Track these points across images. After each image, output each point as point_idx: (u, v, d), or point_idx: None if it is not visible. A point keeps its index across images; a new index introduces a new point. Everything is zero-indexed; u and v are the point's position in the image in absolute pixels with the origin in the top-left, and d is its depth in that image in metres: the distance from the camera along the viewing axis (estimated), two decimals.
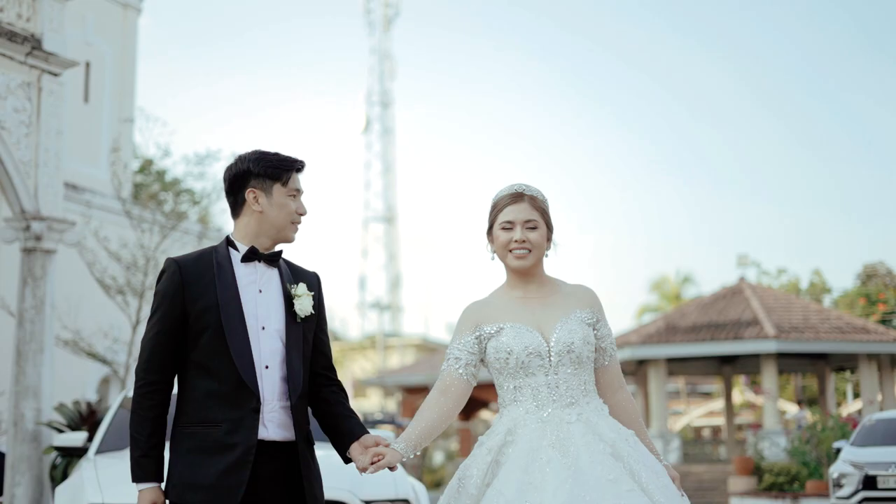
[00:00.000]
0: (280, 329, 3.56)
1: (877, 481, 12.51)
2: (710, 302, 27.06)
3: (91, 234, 15.52)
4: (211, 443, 3.41)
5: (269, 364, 3.51)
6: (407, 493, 6.42)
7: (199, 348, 3.47)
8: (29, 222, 12.38)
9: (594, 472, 3.39)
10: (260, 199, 3.57)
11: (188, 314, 3.48)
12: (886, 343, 24.58)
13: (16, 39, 12.09)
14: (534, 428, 3.55)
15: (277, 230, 3.60)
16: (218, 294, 3.49)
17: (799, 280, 45.32)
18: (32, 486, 12.26)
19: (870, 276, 43.43)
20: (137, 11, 22.44)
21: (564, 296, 3.79)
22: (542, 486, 3.38)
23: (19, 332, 12.43)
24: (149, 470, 3.46)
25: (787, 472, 20.24)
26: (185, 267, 3.55)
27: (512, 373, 3.65)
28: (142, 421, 3.47)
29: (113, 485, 5.93)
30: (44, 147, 12.43)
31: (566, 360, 3.62)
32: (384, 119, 58.04)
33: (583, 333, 3.67)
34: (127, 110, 21.65)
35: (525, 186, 3.81)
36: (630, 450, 3.52)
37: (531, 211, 3.75)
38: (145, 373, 3.50)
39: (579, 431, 3.52)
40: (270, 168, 3.58)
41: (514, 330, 3.66)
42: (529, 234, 3.73)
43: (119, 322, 17.04)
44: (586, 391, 3.66)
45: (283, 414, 3.51)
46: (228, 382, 3.43)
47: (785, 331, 24.24)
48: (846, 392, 37.56)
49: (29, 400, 12.29)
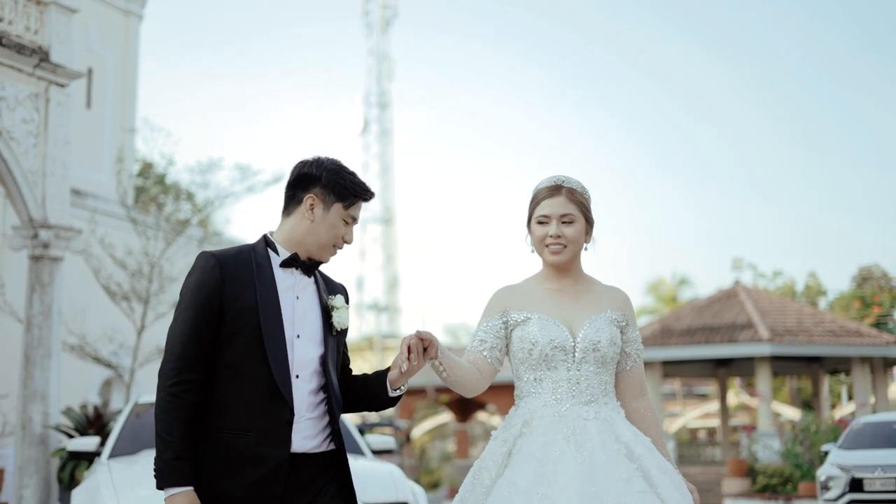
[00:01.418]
0: (315, 339, 3.44)
1: (863, 484, 12.67)
2: (705, 305, 27.33)
3: (97, 241, 15.81)
4: (239, 452, 3.27)
5: (301, 374, 3.37)
6: (406, 497, 6.65)
7: (232, 350, 3.31)
8: (37, 230, 12.69)
9: (607, 469, 3.35)
10: (316, 208, 3.43)
11: (225, 312, 3.31)
12: (879, 346, 24.85)
13: (24, 52, 12.40)
14: (550, 421, 3.50)
15: (318, 246, 3.46)
16: (258, 296, 3.34)
17: (795, 282, 45.57)
18: (40, 488, 12.55)
19: (865, 279, 43.70)
20: (139, 18, 22.70)
21: (597, 294, 3.72)
22: (553, 479, 3.33)
23: (27, 337, 12.73)
24: (183, 473, 3.24)
25: (781, 474, 20.48)
26: (224, 262, 3.37)
27: (534, 365, 3.58)
28: (173, 422, 3.25)
29: (127, 488, 6.23)
30: (51, 157, 12.74)
31: (590, 358, 3.57)
32: (382, 120, 58.14)
33: (610, 334, 3.61)
34: (129, 116, 21.89)
35: (564, 178, 3.70)
36: (646, 453, 3.46)
37: (567, 204, 3.65)
38: (177, 371, 3.28)
39: (596, 429, 3.47)
40: (340, 185, 3.43)
41: (541, 322, 3.59)
42: (565, 230, 3.64)
43: (122, 326, 17.32)
44: (606, 392, 3.61)
45: (311, 425, 3.37)
46: (261, 389, 3.29)
47: (779, 334, 24.50)
48: (841, 394, 37.81)
49: (37, 404, 12.59)
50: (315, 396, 3.39)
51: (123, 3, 22.05)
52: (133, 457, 7.25)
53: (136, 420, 7.86)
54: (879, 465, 12.78)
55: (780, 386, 39.43)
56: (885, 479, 12.61)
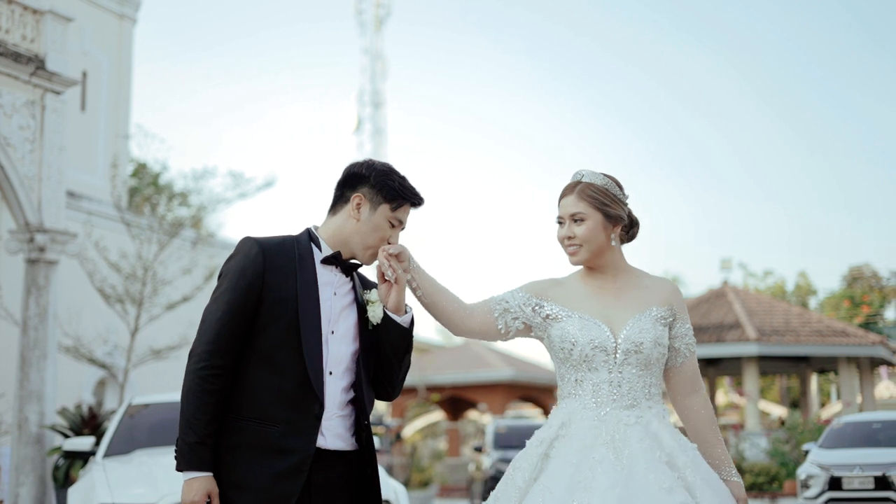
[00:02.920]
0: (349, 336, 3.39)
1: (842, 482, 12.87)
2: (693, 305, 27.61)
3: (92, 245, 16.09)
4: (264, 443, 3.22)
5: (333, 370, 3.33)
6: (387, 495, 6.93)
7: (265, 338, 3.26)
8: (33, 234, 12.98)
9: (647, 479, 3.20)
10: (363, 208, 3.39)
11: (263, 300, 3.26)
12: (865, 346, 25.15)
13: (21, 60, 12.69)
14: (589, 425, 3.35)
15: (361, 248, 3.41)
16: (298, 287, 3.29)
17: (785, 282, 45.97)
18: (36, 486, 12.86)
19: (855, 279, 44.10)
20: (133, 21, 22.92)
21: (643, 290, 3.55)
22: (591, 487, 3.20)
23: (23, 339, 13.03)
24: (204, 458, 3.18)
25: (767, 473, 20.72)
26: (268, 250, 3.31)
27: (575, 365, 3.44)
28: (202, 406, 3.19)
29: (122, 485, 6.56)
30: (47, 162, 13.04)
31: (632, 360, 3.40)
32: (375, 119, 58.20)
33: (655, 334, 3.44)
34: (123, 118, 22.10)
35: (582, 174, 3.56)
36: (689, 461, 3.30)
37: (577, 203, 3.49)
38: (210, 354, 3.22)
39: (637, 435, 3.31)
40: (388, 186, 3.39)
41: (581, 321, 3.44)
42: (575, 229, 3.49)
43: (116, 327, 17.61)
44: (650, 395, 3.43)
45: (340, 423, 3.33)
46: (292, 381, 3.24)
47: (766, 334, 24.79)
48: (830, 393, 38.13)
49: (33, 404, 12.89)
50: (345, 395, 3.35)
51: (118, 6, 22.28)
52: (127, 456, 7.57)
53: (129, 421, 8.17)
54: (858, 464, 12.95)
55: (770, 385, 39.78)
56: (863, 477, 12.82)
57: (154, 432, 8.09)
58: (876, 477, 12.73)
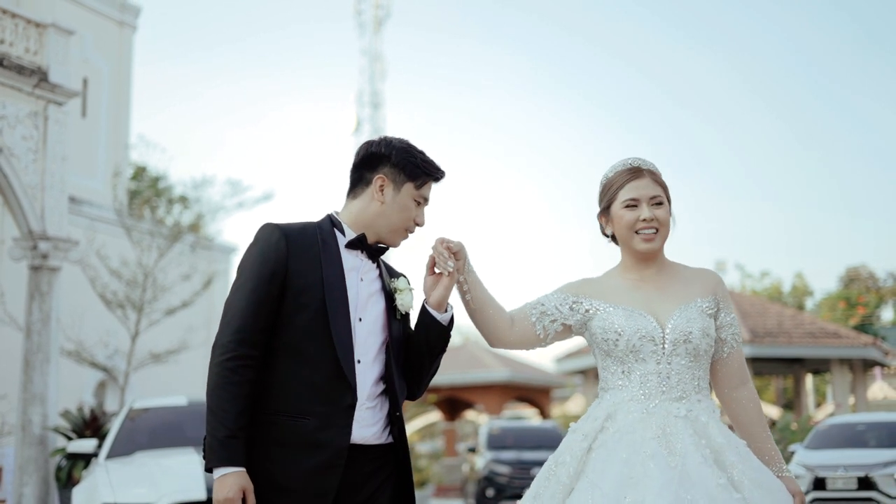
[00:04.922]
0: (377, 324, 3.23)
1: (826, 483, 13.07)
2: None
3: (93, 251, 16.42)
4: (297, 437, 3.05)
5: (362, 359, 3.16)
6: None
7: (292, 328, 3.08)
8: (36, 242, 13.33)
9: (702, 474, 3.07)
10: (386, 190, 3.25)
11: (287, 288, 3.09)
12: (857, 348, 25.41)
13: (24, 72, 13.04)
14: (637, 417, 3.21)
15: (389, 230, 3.27)
16: (323, 273, 3.13)
17: (782, 283, 46.18)
18: (39, 486, 13.21)
19: (852, 280, 44.39)
20: (133, 28, 23.22)
21: (685, 282, 3.43)
22: (644, 483, 3.05)
23: (27, 343, 13.38)
24: (237, 452, 2.98)
25: None
26: (290, 235, 3.15)
27: (621, 356, 3.29)
28: (231, 398, 2.99)
29: (123, 486, 6.94)
30: (49, 172, 13.38)
31: (681, 350, 3.27)
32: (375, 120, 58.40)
33: (702, 324, 3.31)
34: (124, 124, 22.39)
35: (641, 160, 3.43)
36: (737, 460, 3.16)
37: (655, 186, 3.37)
38: (237, 344, 3.03)
39: (687, 430, 3.17)
40: (411, 164, 3.27)
41: (625, 311, 3.31)
42: (657, 212, 3.36)
43: (117, 332, 17.94)
44: (699, 388, 3.30)
45: (370, 415, 3.16)
46: (323, 371, 3.07)
47: (759, 336, 25.03)
48: (826, 394, 38.36)
49: (36, 406, 13.25)
50: (376, 386, 3.19)
51: (118, 14, 22.59)
52: (128, 457, 7.94)
53: (130, 424, 8.55)
54: (842, 465, 13.08)
55: (766, 386, 40.04)
56: (846, 478, 13.00)
57: (154, 435, 8.49)
58: (859, 478, 12.90)
